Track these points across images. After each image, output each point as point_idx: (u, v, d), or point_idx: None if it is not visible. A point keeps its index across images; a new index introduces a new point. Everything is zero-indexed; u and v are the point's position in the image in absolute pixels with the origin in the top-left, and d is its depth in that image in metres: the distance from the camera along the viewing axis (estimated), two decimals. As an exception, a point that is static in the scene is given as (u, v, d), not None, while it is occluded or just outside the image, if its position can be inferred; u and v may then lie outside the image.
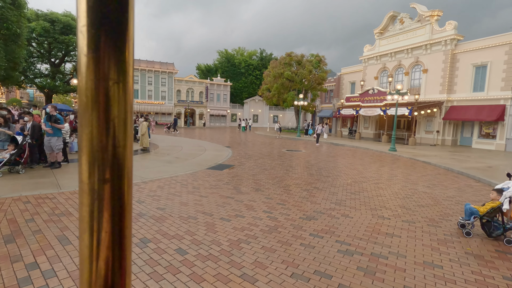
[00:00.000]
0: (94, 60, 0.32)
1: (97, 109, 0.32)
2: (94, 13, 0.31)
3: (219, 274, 3.18)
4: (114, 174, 0.33)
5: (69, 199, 5.61)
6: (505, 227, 4.40)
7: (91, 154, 0.33)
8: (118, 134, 0.34)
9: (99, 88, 0.32)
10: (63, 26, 22.34)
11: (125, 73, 0.34)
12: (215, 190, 6.79)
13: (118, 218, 0.34)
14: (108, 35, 0.32)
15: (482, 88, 21.42)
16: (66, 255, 3.42)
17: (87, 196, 0.32)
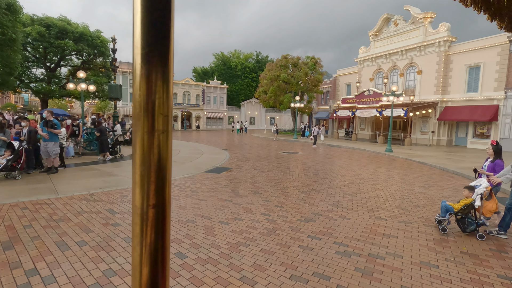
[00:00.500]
0: (146, 74, 0.40)
1: (146, 125, 0.41)
2: (146, 39, 0.40)
3: (219, 277, 3.21)
4: (159, 200, 0.43)
5: (67, 204, 5.60)
6: (478, 223, 4.60)
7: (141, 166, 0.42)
8: (163, 154, 0.43)
9: (149, 101, 0.41)
10: (58, 31, 22.26)
11: (168, 84, 0.42)
12: (213, 194, 6.81)
13: (161, 234, 0.44)
14: (156, 53, 0.40)
15: (476, 89, 21.71)
16: (65, 261, 3.43)
17: (138, 216, 0.42)
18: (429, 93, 24.26)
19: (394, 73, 27.63)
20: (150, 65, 0.40)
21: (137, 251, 0.43)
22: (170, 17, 0.41)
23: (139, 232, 0.43)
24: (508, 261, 3.82)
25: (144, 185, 0.42)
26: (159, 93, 0.41)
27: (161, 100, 0.41)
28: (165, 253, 0.44)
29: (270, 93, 32.73)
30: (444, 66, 23.23)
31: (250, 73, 55.26)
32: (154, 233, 0.43)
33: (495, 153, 5.16)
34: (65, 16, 24.06)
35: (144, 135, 0.41)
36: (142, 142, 0.41)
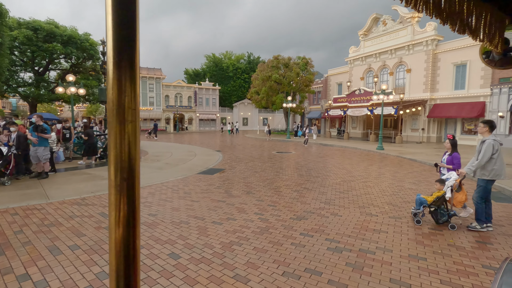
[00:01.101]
0: (117, 78, 0.51)
1: (118, 117, 0.51)
2: (117, 46, 0.50)
3: (212, 276, 3.25)
4: (130, 174, 0.53)
5: (58, 209, 5.56)
6: (449, 214, 4.84)
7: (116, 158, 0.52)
8: (131, 139, 0.53)
9: (120, 99, 0.51)
10: (46, 34, 21.94)
11: (135, 82, 0.53)
12: (207, 195, 6.84)
13: (132, 202, 0.54)
14: (125, 60, 0.51)
15: (463, 86, 22.20)
16: (58, 265, 3.42)
17: (113, 188, 0.52)
18: (419, 91, 24.70)
19: (384, 72, 28.04)
20: (120, 70, 0.50)
21: (113, 215, 0.52)
22: (135, 33, 0.51)
23: (113, 200, 0.52)
24: (492, 251, 3.95)
25: (118, 162, 0.51)
26: (127, 91, 0.51)
27: (129, 97, 0.51)
28: (135, 216, 0.53)
29: (262, 94, 32.84)
30: (432, 64, 23.70)
31: (242, 74, 55.32)
32: (126, 200, 0.52)
33: (452, 146, 5.46)
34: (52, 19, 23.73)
35: (117, 124, 0.51)
36: (116, 129, 0.51)
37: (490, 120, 4.90)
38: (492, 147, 4.61)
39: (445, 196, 4.84)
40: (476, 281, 3.19)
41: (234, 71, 54.94)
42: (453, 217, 4.95)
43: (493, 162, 4.64)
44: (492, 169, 4.64)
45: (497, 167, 4.63)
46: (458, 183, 4.88)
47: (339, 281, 3.17)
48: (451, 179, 4.94)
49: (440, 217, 4.91)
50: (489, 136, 4.76)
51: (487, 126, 4.81)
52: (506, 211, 5.84)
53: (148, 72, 42.41)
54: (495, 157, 4.63)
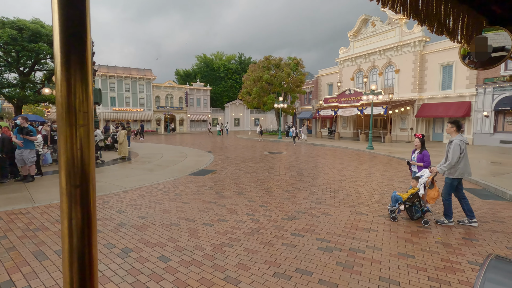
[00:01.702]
0: (66, 79, 0.48)
1: (68, 121, 0.49)
2: (64, 50, 0.47)
3: (203, 278, 3.22)
4: (83, 180, 0.50)
5: (45, 213, 5.42)
6: (423, 210, 5.01)
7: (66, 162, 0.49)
8: (84, 142, 0.50)
9: (69, 101, 0.48)
10: (31, 34, 21.41)
11: (86, 84, 0.50)
12: (197, 196, 6.79)
13: (87, 210, 0.51)
14: (74, 60, 0.48)
15: (450, 86, 22.72)
16: (43, 271, 3.33)
17: (64, 195, 0.49)
18: (407, 91, 25.15)
19: (373, 73, 28.44)
20: (68, 71, 0.47)
21: (65, 224, 0.49)
22: (85, 29, 0.48)
23: (65, 208, 0.49)
24: (478, 248, 4.04)
25: (70, 168, 0.48)
26: (78, 93, 0.48)
27: (80, 99, 0.48)
28: (90, 225, 0.51)
29: (253, 94, 32.86)
30: (419, 65, 24.17)
31: (233, 75, 55.23)
32: (79, 208, 0.49)
33: (422, 145, 5.65)
34: (38, 19, 23.19)
35: (66, 129, 0.48)
36: (65, 134, 0.48)
37: (457, 120, 5.09)
38: (459, 147, 4.83)
39: (418, 193, 5.02)
40: (463, 277, 3.26)
41: (225, 72, 54.79)
42: (427, 213, 5.13)
43: (459, 162, 4.85)
44: (457, 169, 4.87)
45: (461, 166, 4.86)
46: (430, 180, 5.06)
47: (329, 280, 3.19)
48: (424, 177, 5.10)
49: (414, 213, 5.10)
50: (456, 136, 4.97)
51: (454, 126, 5.01)
52: (491, 208, 5.99)
53: (138, 73, 41.88)
54: (461, 157, 4.85)
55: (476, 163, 11.79)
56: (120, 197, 6.62)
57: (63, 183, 0.49)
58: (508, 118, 20.08)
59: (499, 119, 20.45)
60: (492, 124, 20.49)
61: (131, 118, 40.75)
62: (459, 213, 5.56)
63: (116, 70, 40.45)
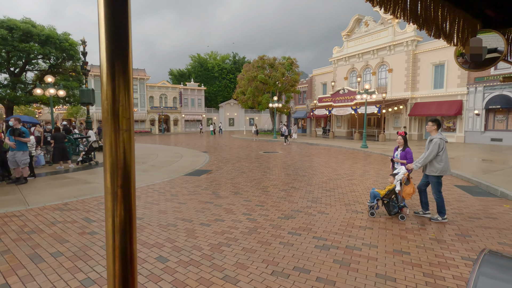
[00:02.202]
0: (111, 87, 0.51)
1: (113, 127, 0.52)
2: (110, 56, 0.50)
3: (202, 278, 3.23)
4: (125, 181, 0.54)
5: (39, 215, 5.36)
6: (399, 206, 5.20)
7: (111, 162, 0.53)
8: (126, 147, 0.54)
9: (114, 108, 0.52)
10: (22, 34, 21.03)
11: (128, 92, 0.53)
12: (194, 196, 6.78)
13: (129, 209, 0.55)
14: (118, 69, 0.51)
15: (441, 85, 23.05)
16: (39, 273, 3.30)
17: (109, 195, 0.53)
18: (400, 90, 25.43)
19: (367, 72, 28.69)
20: (113, 80, 0.50)
21: (110, 222, 0.53)
22: (128, 42, 0.52)
23: (110, 207, 0.52)
24: (471, 243, 4.13)
25: (114, 170, 0.52)
26: (122, 100, 0.52)
27: (123, 106, 0.52)
28: (132, 223, 0.54)
29: (248, 94, 32.87)
30: (412, 64, 24.46)
31: (228, 75, 55.15)
32: (123, 207, 0.53)
33: (405, 142, 5.80)
34: (29, 18, 22.81)
35: (111, 134, 0.51)
36: (111, 138, 0.52)
37: (437, 119, 5.25)
38: (438, 145, 4.98)
39: (395, 189, 5.20)
40: (456, 272, 3.33)
41: (219, 72, 54.69)
42: (404, 208, 5.31)
43: (439, 159, 5.01)
44: (438, 166, 5.02)
45: (443, 164, 5.01)
46: (406, 176, 5.22)
47: (327, 278, 3.23)
48: (400, 173, 5.27)
49: (392, 208, 5.27)
50: (436, 135, 5.12)
51: (435, 124, 5.17)
52: (483, 205, 6.11)
53: (131, 72, 41.49)
54: (441, 155, 5.00)
55: (468, 161, 12.00)
56: (115, 198, 6.57)
57: (108, 184, 0.52)
58: (498, 117, 20.47)
59: (490, 118, 20.84)
60: (483, 122, 20.86)
61: (125, 118, 40.35)
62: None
63: (109, 70, 40.03)
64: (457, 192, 7.16)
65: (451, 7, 1.20)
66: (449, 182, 8.33)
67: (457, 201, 6.35)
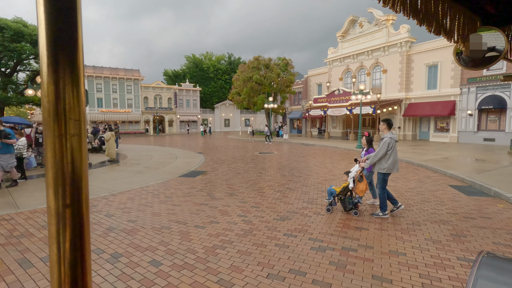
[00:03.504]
0: (53, 81, 0.41)
1: (57, 131, 0.42)
2: (51, 48, 0.41)
3: (196, 282, 3.17)
4: (75, 199, 0.44)
5: (29, 218, 5.24)
6: (353, 202, 5.46)
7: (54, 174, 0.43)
8: (75, 155, 0.44)
9: (58, 108, 0.42)
10: (13, 33, 20.70)
11: (78, 88, 0.44)
12: (188, 198, 6.70)
13: (79, 234, 0.45)
14: (63, 61, 0.42)
15: (435, 86, 23.28)
16: (28, 279, 3.21)
17: (53, 217, 0.43)
18: (394, 91, 25.62)
19: (361, 73, 28.85)
20: (57, 73, 0.41)
21: (54, 251, 0.44)
22: (77, 25, 0.42)
23: (54, 232, 0.43)
24: (466, 244, 4.13)
25: (58, 185, 0.43)
26: (68, 98, 0.42)
27: (71, 105, 0.42)
28: (83, 251, 0.45)
29: (243, 95, 32.81)
30: (406, 65, 24.66)
31: (223, 75, 55.03)
32: (70, 232, 0.44)
33: (368, 143, 5.99)
34: (20, 18, 22.49)
35: (54, 139, 0.42)
36: (53, 145, 0.42)
37: (388, 119, 5.43)
38: (387, 144, 5.15)
39: (349, 187, 5.43)
40: (452, 273, 3.32)
41: (214, 72, 54.54)
42: (358, 204, 5.57)
43: (387, 157, 5.19)
44: (387, 164, 5.20)
45: (390, 162, 5.19)
46: (359, 174, 5.43)
47: (323, 280, 3.19)
48: (353, 171, 5.53)
49: (347, 205, 5.49)
50: (387, 134, 5.29)
51: (385, 124, 5.37)
52: (477, 204, 6.14)
53: (125, 73, 41.18)
54: (389, 153, 5.17)
55: (461, 161, 12.11)
56: (108, 201, 6.47)
57: (51, 203, 0.43)
58: (491, 117, 20.73)
59: (482, 118, 21.09)
60: (476, 122, 21.11)
61: (119, 119, 40.03)
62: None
63: (103, 71, 39.66)
64: (451, 192, 7.20)
65: (451, 2, 1.17)
66: (444, 182, 8.38)
67: (451, 201, 6.38)
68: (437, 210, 5.74)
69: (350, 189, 5.46)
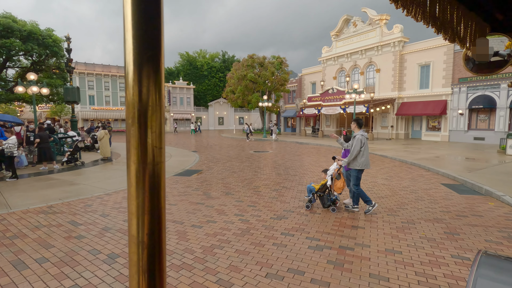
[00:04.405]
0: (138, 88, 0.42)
1: (140, 130, 0.43)
2: (137, 53, 0.42)
3: (194, 283, 3.16)
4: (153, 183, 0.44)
5: (22, 219, 5.14)
6: (331, 199, 5.64)
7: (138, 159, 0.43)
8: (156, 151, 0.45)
9: (141, 112, 0.43)
10: (2, 29, 20.19)
11: (159, 98, 0.45)
12: (184, 197, 6.67)
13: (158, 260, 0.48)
14: (147, 68, 0.43)
15: (427, 85, 23.60)
16: (24, 281, 3.16)
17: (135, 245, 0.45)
18: (387, 90, 25.88)
19: (355, 72, 29.05)
20: (140, 76, 0.42)
21: (135, 278, 0.45)
22: (160, 29, 0.43)
23: (135, 259, 0.45)
24: (460, 242, 4.22)
25: (139, 215, 0.43)
26: (152, 99, 0.43)
27: (153, 106, 0.43)
28: (161, 278, 0.46)
29: (238, 93, 32.72)
30: (399, 64, 24.93)
31: (217, 73, 54.75)
32: (150, 260, 0.45)
33: (346, 142, 6.12)
34: (9, 13, 21.94)
35: (139, 167, 0.42)
36: (140, 173, 0.42)
37: (357, 119, 5.67)
38: (360, 141, 5.34)
39: (327, 184, 5.61)
40: (447, 271, 3.39)
41: (208, 70, 54.22)
42: (336, 201, 5.70)
43: (361, 154, 5.37)
44: (360, 161, 5.38)
45: (364, 158, 5.39)
46: (337, 172, 5.62)
47: (321, 279, 3.22)
48: (331, 169, 5.70)
49: (325, 201, 5.66)
50: (358, 132, 5.50)
51: (355, 123, 5.65)
52: (469, 203, 6.27)
53: (118, 70, 40.64)
54: (363, 150, 5.36)
55: (453, 160, 12.33)
56: (103, 200, 6.40)
57: (133, 231, 0.44)
58: (481, 116, 21.13)
59: (473, 117, 21.48)
60: (467, 121, 21.49)
61: (112, 117, 39.52)
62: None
63: (94, 68, 39.06)
64: (443, 190, 7.33)
65: (465, 10, 1.19)
66: (436, 180, 8.53)
67: (444, 199, 6.49)
68: (430, 208, 5.84)
69: (328, 187, 5.64)
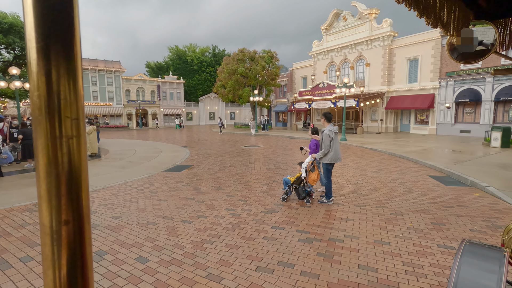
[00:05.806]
0: (44, 72, 0.34)
1: (50, 121, 0.35)
2: (42, 25, 0.33)
3: (184, 278, 3.14)
4: (74, 213, 0.37)
5: (6, 217, 5.00)
6: (306, 190, 5.82)
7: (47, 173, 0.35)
8: (75, 160, 0.37)
9: (50, 102, 0.34)
10: (-18, 21, 19.45)
11: (75, 80, 0.37)
12: (174, 193, 6.61)
13: (79, 253, 0.38)
14: (57, 46, 0.34)
15: (415, 79, 23.93)
16: (7, 281, 3.07)
17: (48, 236, 0.36)
18: (377, 84, 26.14)
19: (345, 66, 29.19)
20: (48, 61, 0.33)
21: (49, 275, 0.37)
22: (72, 4, 0.34)
23: (49, 253, 0.36)
24: (445, 232, 4.32)
25: (52, 197, 0.36)
26: (64, 93, 0.35)
27: (67, 100, 0.35)
28: (85, 275, 0.39)
29: (228, 87, 32.48)
30: (388, 59, 25.16)
31: (207, 68, 54.17)
32: (68, 253, 0.37)
33: (313, 133, 6.39)
34: (-11, 5, 21.09)
35: (48, 142, 0.34)
36: (47, 150, 0.34)
37: (326, 113, 5.82)
38: (328, 136, 5.51)
39: (301, 176, 5.73)
40: (433, 260, 3.47)
41: (199, 64, 53.58)
42: (311, 193, 5.94)
43: (330, 149, 5.53)
44: (329, 155, 5.54)
45: (333, 153, 5.54)
46: (311, 164, 5.73)
47: (311, 271, 3.25)
48: (305, 161, 5.82)
49: (301, 193, 5.81)
50: (327, 127, 5.66)
51: (323, 118, 5.80)
52: (454, 194, 6.42)
53: (105, 65, 39.73)
54: (331, 144, 5.52)
55: (440, 152, 12.59)
56: (91, 197, 6.27)
57: (45, 220, 0.35)
58: (467, 109, 21.60)
59: (459, 110, 21.95)
60: (453, 115, 21.95)
61: (100, 112, 38.74)
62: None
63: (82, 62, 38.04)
64: (431, 182, 7.48)
65: None
66: (424, 172, 8.70)
67: (431, 191, 6.63)
68: (418, 200, 5.95)
69: (303, 179, 5.74)
